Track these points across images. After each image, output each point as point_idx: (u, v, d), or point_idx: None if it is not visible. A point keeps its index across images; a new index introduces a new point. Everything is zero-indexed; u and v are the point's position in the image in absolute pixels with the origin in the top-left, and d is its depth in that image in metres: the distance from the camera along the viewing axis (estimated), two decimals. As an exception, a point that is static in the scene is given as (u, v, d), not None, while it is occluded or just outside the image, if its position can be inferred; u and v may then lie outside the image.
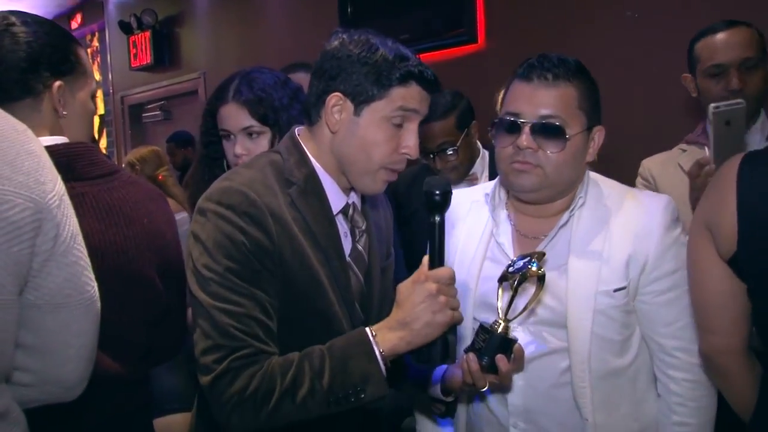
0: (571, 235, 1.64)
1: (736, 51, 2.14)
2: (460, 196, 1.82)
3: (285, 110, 1.99)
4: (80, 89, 1.67)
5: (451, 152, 2.56)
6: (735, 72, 2.13)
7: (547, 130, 1.58)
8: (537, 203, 1.70)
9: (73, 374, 1.34)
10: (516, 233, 1.72)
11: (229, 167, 2.05)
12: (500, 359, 1.48)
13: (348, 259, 1.56)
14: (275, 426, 1.41)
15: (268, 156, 1.56)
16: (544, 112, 1.58)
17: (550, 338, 1.63)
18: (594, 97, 1.66)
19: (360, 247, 1.59)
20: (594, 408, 1.59)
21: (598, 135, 1.67)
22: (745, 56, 2.13)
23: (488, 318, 1.62)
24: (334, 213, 1.54)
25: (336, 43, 1.49)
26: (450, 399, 1.68)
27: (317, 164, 1.53)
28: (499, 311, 1.51)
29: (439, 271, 1.42)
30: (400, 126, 1.48)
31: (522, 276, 1.48)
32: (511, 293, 1.50)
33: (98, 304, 1.35)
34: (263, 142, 1.98)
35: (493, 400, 1.70)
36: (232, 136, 2.01)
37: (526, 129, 1.59)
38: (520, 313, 1.53)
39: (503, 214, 1.75)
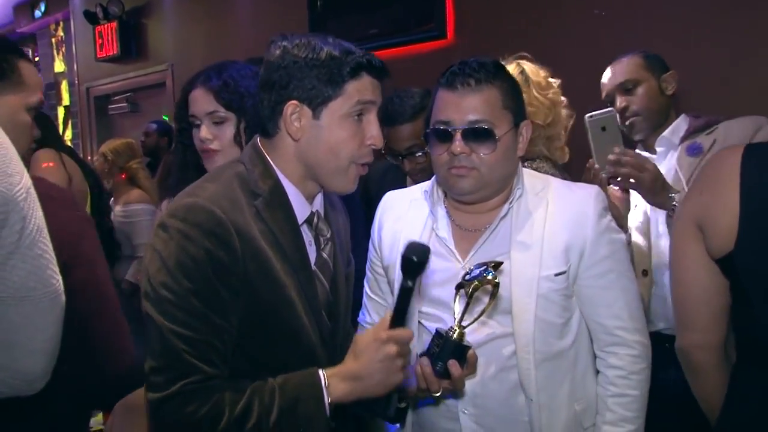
0: (511, 226, 1.72)
1: (612, 81, 2.48)
2: (399, 195, 1.92)
3: (251, 97, 1.98)
4: (10, 94, 1.64)
5: (420, 154, 2.53)
6: (617, 96, 2.46)
7: (478, 134, 1.66)
8: (476, 203, 1.76)
9: (35, 367, 1.33)
10: (455, 227, 1.78)
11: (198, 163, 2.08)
12: (452, 365, 1.53)
13: (314, 267, 1.55)
14: None
15: (233, 168, 1.53)
16: (473, 117, 1.65)
17: (495, 325, 1.70)
18: (516, 94, 1.74)
19: (325, 255, 1.60)
20: (538, 389, 1.67)
21: (526, 129, 1.75)
22: (619, 82, 2.45)
23: (432, 310, 1.71)
24: (299, 223, 1.53)
25: (278, 52, 1.47)
26: (403, 405, 1.70)
27: (281, 174, 1.52)
28: (455, 318, 1.55)
29: (402, 333, 1.43)
30: (360, 120, 1.49)
31: (478, 283, 1.52)
32: (466, 300, 1.54)
33: (62, 297, 1.34)
34: (228, 129, 2.01)
35: None
36: (198, 122, 2.04)
37: (458, 136, 1.66)
38: (474, 321, 1.57)
39: (442, 209, 1.81)
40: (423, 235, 1.78)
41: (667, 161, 2.41)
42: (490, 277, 1.51)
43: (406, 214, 1.84)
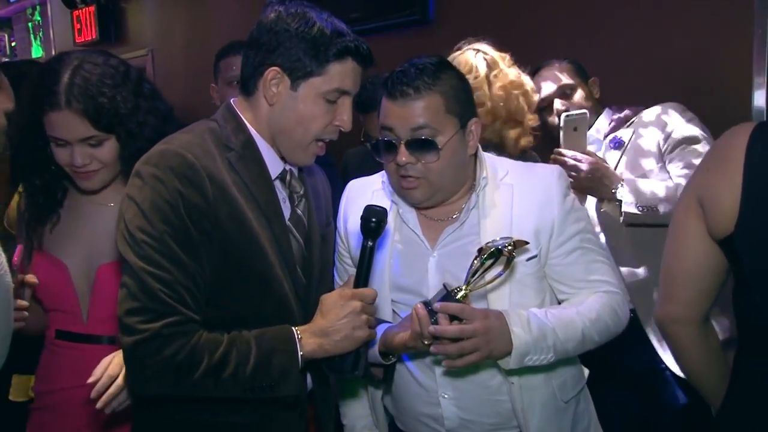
0: (479, 214, 1.73)
1: (550, 86, 2.58)
2: (361, 185, 1.92)
3: (133, 115, 1.76)
4: None
5: None
6: (556, 100, 2.58)
7: (421, 145, 1.65)
8: (432, 207, 1.77)
9: None
10: (421, 216, 1.80)
11: (63, 171, 1.83)
12: (441, 316, 1.55)
13: (288, 223, 1.59)
14: (191, 395, 1.45)
15: (205, 123, 1.58)
16: (414, 126, 1.65)
17: None
18: (463, 93, 1.72)
19: (299, 212, 1.63)
20: (519, 371, 1.68)
21: (475, 127, 1.74)
22: (558, 86, 2.58)
23: (403, 298, 1.74)
24: (273, 178, 1.57)
25: (272, 15, 1.51)
26: (391, 362, 1.74)
27: (254, 131, 1.56)
28: (467, 278, 1.59)
29: (365, 291, 1.52)
30: (334, 102, 1.53)
31: (494, 252, 1.56)
32: (477, 265, 1.57)
33: (7, 278, 1.29)
34: (107, 148, 1.77)
35: (421, 375, 1.78)
36: (63, 143, 1.75)
37: (402, 147, 1.66)
38: (482, 286, 1.61)
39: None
40: (390, 225, 1.78)
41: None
42: (507, 249, 1.55)
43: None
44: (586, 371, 1.90)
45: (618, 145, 2.48)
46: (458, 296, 1.58)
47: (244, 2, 5.39)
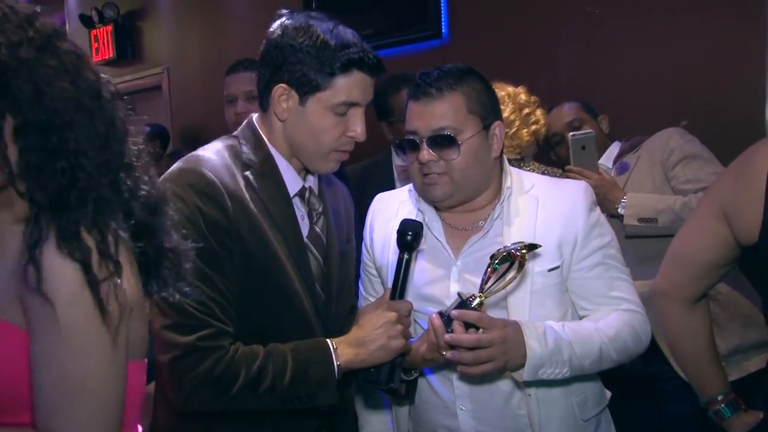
0: (503, 223, 1.74)
1: (560, 121, 2.76)
2: (388, 197, 1.95)
3: (26, 66, 1.05)
4: None
5: None
6: (566, 134, 2.67)
7: (441, 141, 1.68)
8: (454, 207, 1.78)
9: None
10: (446, 225, 1.80)
11: None
12: (456, 324, 1.55)
13: (306, 240, 1.60)
14: (230, 410, 1.46)
15: (225, 140, 1.60)
16: (436, 125, 1.69)
17: None
18: (486, 96, 1.75)
19: (318, 229, 1.64)
20: (536, 384, 1.67)
21: (498, 129, 1.77)
22: (567, 121, 2.73)
23: (425, 308, 1.72)
24: (291, 196, 1.58)
25: (278, 31, 1.53)
26: (412, 377, 1.74)
27: (273, 148, 1.58)
28: (481, 286, 1.59)
29: (400, 303, 1.57)
30: (345, 114, 1.53)
31: (506, 256, 1.56)
32: (490, 271, 1.58)
33: None
34: None
35: (439, 386, 1.77)
36: None
37: (424, 144, 1.69)
38: (496, 292, 1.60)
39: (431, 208, 1.82)
40: None
41: None
42: (519, 252, 1.56)
43: (396, 216, 1.85)
44: (609, 393, 1.88)
45: (624, 169, 2.62)
46: (473, 304, 1.57)
47: (259, 20, 5.44)
